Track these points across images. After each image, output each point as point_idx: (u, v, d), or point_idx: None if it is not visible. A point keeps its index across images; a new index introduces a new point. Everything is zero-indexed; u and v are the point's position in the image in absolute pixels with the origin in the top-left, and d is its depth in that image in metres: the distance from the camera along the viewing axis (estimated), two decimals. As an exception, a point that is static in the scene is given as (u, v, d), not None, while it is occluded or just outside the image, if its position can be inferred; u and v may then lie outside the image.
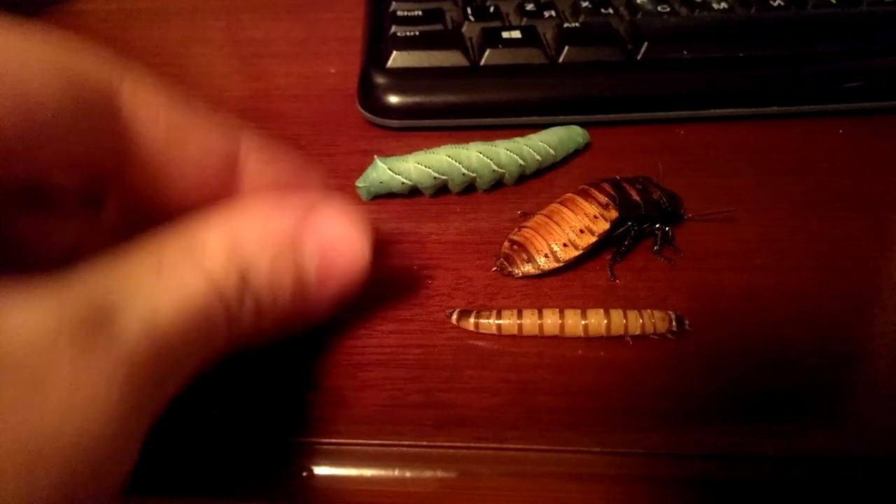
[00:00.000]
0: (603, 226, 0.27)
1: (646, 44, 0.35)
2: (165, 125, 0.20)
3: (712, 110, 0.35)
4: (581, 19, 0.38)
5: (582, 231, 0.26)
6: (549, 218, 0.27)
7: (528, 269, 0.26)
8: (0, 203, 0.19)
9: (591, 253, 0.27)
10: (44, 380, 0.13)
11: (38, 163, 0.18)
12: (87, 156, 0.19)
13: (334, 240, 0.20)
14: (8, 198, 0.19)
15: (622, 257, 0.27)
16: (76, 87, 0.18)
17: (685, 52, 0.35)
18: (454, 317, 0.24)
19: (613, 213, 0.27)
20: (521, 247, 0.27)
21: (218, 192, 0.21)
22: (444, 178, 0.29)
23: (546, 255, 0.26)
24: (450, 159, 0.29)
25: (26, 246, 0.20)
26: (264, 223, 0.19)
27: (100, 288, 0.16)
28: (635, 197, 0.28)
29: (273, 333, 0.20)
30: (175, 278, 0.17)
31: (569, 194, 0.28)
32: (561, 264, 0.26)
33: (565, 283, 0.26)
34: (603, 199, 0.27)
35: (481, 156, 0.29)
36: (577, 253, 0.26)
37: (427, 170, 0.29)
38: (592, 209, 0.27)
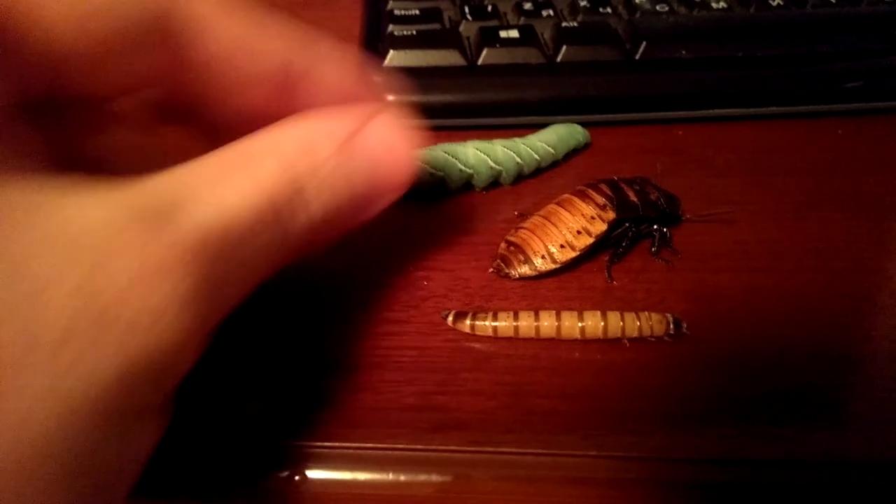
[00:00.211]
0: (600, 227, 0.26)
1: (644, 43, 0.35)
2: (230, 39, 0.20)
3: (711, 110, 0.34)
4: (579, 18, 0.37)
5: (579, 232, 0.26)
6: (546, 219, 0.27)
7: (524, 270, 0.26)
8: (72, 121, 0.20)
9: (588, 254, 0.26)
10: (109, 261, 0.14)
11: (102, 79, 0.19)
12: (153, 71, 0.20)
13: (388, 146, 0.21)
14: (79, 116, 0.20)
15: (620, 259, 0.27)
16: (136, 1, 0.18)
17: (684, 52, 0.35)
18: (450, 318, 0.24)
19: (611, 215, 0.27)
20: (518, 248, 0.26)
21: (287, 105, 0.22)
22: (440, 174, 0.29)
23: (543, 257, 0.26)
24: (447, 155, 0.29)
25: (97, 164, 0.21)
26: (327, 128, 0.20)
27: (166, 185, 0.16)
28: (633, 198, 0.27)
29: (323, 241, 0.20)
30: (242, 179, 0.17)
31: (566, 195, 0.28)
32: (558, 265, 0.26)
33: (562, 285, 0.26)
34: (600, 200, 0.27)
35: (478, 152, 0.29)
36: (574, 254, 0.26)
37: (424, 166, 0.29)
38: (590, 210, 0.27)
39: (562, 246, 0.26)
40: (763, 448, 0.21)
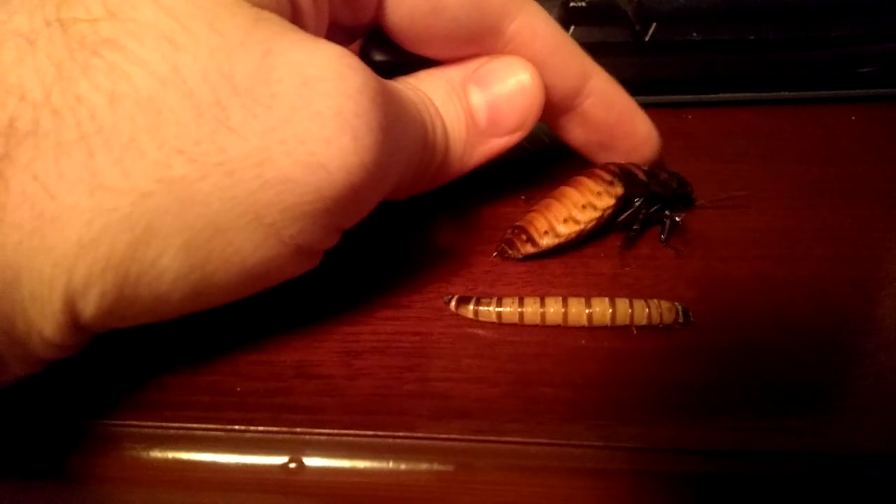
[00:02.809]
0: (607, 201, 0.26)
1: (654, 25, 0.34)
2: (541, 49, 0.25)
3: (722, 94, 0.34)
4: (588, -1, 0.36)
5: (584, 207, 0.25)
6: (553, 198, 0.26)
7: (528, 249, 0.25)
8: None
9: (595, 236, 0.26)
10: (305, 106, 0.17)
11: (421, 42, 0.24)
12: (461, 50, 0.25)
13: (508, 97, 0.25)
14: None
15: (633, 242, 0.26)
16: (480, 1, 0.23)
17: (695, 34, 0.34)
18: (453, 304, 0.23)
19: (619, 190, 0.26)
20: (521, 229, 0.26)
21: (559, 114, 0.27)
22: None
23: (546, 232, 0.25)
24: None
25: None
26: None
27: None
28: (642, 176, 0.27)
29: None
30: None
31: (575, 176, 0.27)
32: (562, 240, 0.25)
33: (568, 271, 0.25)
34: (608, 177, 0.26)
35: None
36: (578, 227, 0.25)
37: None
38: (597, 187, 0.26)
39: (565, 220, 0.25)
40: (772, 440, 0.20)
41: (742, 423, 0.20)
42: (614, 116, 0.27)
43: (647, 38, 0.34)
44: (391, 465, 0.20)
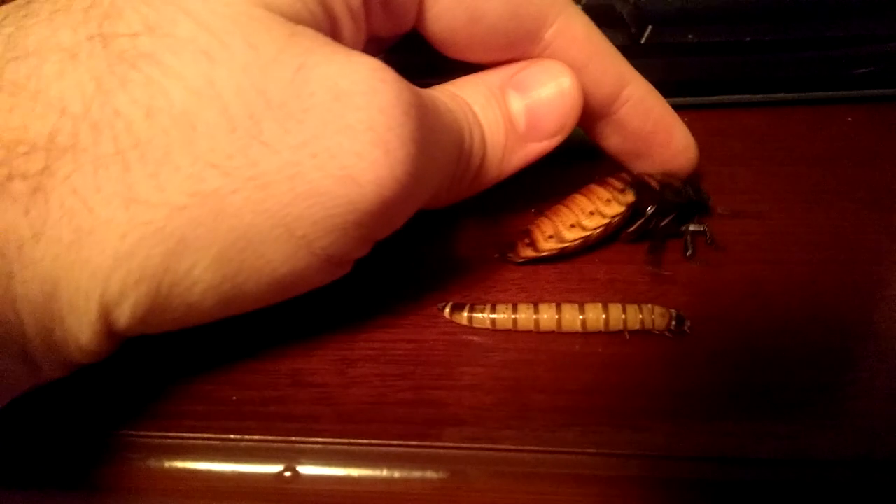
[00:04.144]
0: (616, 208, 0.25)
1: (650, 27, 0.34)
2: (578, 54, 0.24)
3: (718, 96, 0.34)
4: (583, 1, 0.36)
5: (592, 213, 0.25)
6: (562, 204, 0.26)
7: (528, 252, 0.25)
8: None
9: (593, 246, 0.26)
10: (341, 115, 0.17)
11: (463, 50, 0.24)
12: (499, 56, 0.25)
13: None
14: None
15: (657, 257, 0.26)
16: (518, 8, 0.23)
17: (691, 37, 0.34)
18: (447, 311, 0.23)
19: (630, 198, 0.26)
20: (527, 232, 0.26)
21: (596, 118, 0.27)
22: None
23: (551, 237, 0.25)
24: None
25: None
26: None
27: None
28: (654, 185, 0.26)
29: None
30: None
31: (588, 185, 0.27)
32: (566, 245, 0.25)
33: (562, 277, 0.25)
34: (619, 184, 0.26)
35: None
36: (583, 234, 0.25)
37: None
38: (606, 194, 0.26)
39: (572, 225, 0.25)
40: (766, 446, 0.20)
41: (735, 428, 0.20)
42: (651, 125, 0.27)
43: (642, 41, 0.34)
44: (385, 473, 0.20)
